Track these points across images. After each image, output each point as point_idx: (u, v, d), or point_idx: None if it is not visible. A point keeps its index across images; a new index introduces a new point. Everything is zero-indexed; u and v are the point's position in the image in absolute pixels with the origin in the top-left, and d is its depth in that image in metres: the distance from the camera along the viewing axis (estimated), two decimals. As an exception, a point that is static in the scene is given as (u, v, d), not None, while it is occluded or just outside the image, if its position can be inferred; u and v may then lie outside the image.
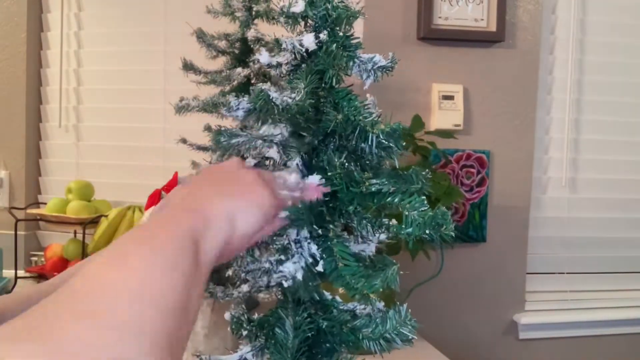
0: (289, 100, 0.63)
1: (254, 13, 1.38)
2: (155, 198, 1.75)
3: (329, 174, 0.64)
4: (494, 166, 1.90)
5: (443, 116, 1.84)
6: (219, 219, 0.56)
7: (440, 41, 1.84)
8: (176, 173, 1.77)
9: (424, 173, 0.63)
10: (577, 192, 2.04)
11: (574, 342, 2.02)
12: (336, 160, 0.64)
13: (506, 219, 1.92)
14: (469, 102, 1.88)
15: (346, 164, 0.64)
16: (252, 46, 1.37)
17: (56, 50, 2.15)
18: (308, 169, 0.67)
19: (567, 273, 2.05)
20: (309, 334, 0.68)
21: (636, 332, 2.06)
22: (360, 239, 0.66)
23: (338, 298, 0.71)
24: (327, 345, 0.68)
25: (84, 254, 1.86)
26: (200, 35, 1.38)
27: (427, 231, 0.60)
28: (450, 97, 1.85)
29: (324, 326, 0.68)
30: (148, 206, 1.76)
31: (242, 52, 1.39)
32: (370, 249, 0.67)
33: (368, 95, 0.68)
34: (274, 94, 0.63)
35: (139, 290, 0.43)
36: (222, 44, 1.40)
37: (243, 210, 0.59)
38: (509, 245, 1.93)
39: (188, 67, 1.39)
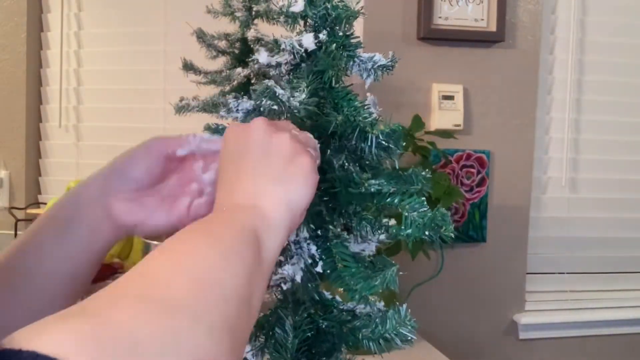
0: (294, 101, 0.63)
1: (254, 13, 1.38)
2: (155, 198, 1.75)
3: (328, 175, 0.64)
4: (494, 166, 1.90)
5: (443, 116, 1.84)
6: (279, 212, 0.55)
7: (440, 41, 1.84)
8: (176, 173, 1.77)
9: (423, 173, 0.63)
10: (577, 192, 2.03)
11: (574, 342, 2.02)
12: (335, 162, 0.64)
13: (506, 219, 1.92)
14: (469, 102, 1.88)
15: (346, 164, 0.64)
16: (252, 46, 1.37)
17: (56, 50, 2.15)
18: None
19: (567, 273, 2.05)
20: (309, 334, 0.68)
21: (636, 332, 2.05)
22: (359, 239, 0.66)
23: (338, 298, 0.71)
24: (327, 345, 0.68)
25: (84, 254, 1.85)
26: (200, 35, 1.38)
27: (427, 232, 0.60)
28: (450, 97, 1.85)
29: (323, 326, 0.68)
30: (148, 206, 1.76)
31: (242, 52, 1.39)
32: (370, 248, 0.67)
33: (368, 94, 0.68)
34: (280, 90, 0.63)
35: (196, 275, 0.42)
36: (222, 44, 1.40)
37: (297, 191, 0.57)
38: (509, 245, 1.93)
39: (188, 67, 1.39)
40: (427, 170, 0.63)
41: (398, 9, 1.82)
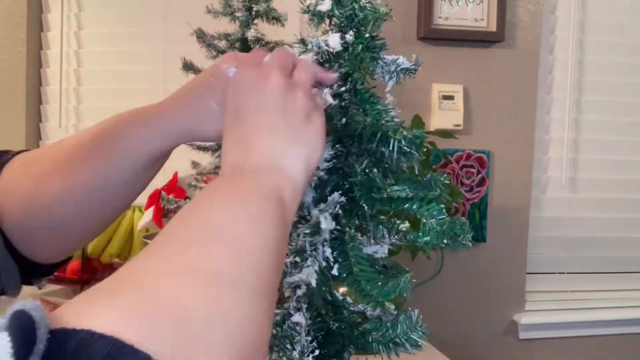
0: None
1: (254, 13, 1.38)
2: (155, 198, 1.75)
3: (350, 179, 0.64)
4: (494, 166, 1.90)
5: (443, 116, 1.84)
6: (299, 174, 0.54)
7: (440, 41, 1.84)
8: (176, 173, 1.77)
9: (442, 179, 0.62)
10: (577, 192, 2.03)
11: (574, 342, 2.02)
12: (357, 167, 0.63)
13: (506, 219, 1.92)
14: (469, 102, 1.88)
15: (367, 170, 0.63)
16: (252, 46, 1.37)
17: (56, 50, 2.15)
18: (328, 174, 0.67)
19: (567, 273, 2.05)
20: (319, 335, 0.67)
21: (636, 332, 2.06)
22: (372, 240, 0.65)
23: (349, 299, 0.70)
24: (337, 346, 0.67)
25: (83, 253, 1.85)
26: (200, 35, 1.38)
27: (445, 240, 0.59)
28: (450, 97, 1.85)
29: (334, 327, 0.67)
30: (148, 206, 1.77)
31: (242, 52, 1.39)
32: (383, 250, 0.66)
33: (388, 95, 0.67)
34: None
35: (231, 242, 0.42)
36: (222, 44, 1.40)
37: (313, 152, 0.56)
38: (509, 245, 1.93)
39: (188, 67, 1.39)
40: (445, 175, 0.62)
41: (398, 9, 1.82)
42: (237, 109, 0.57)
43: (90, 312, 0.31)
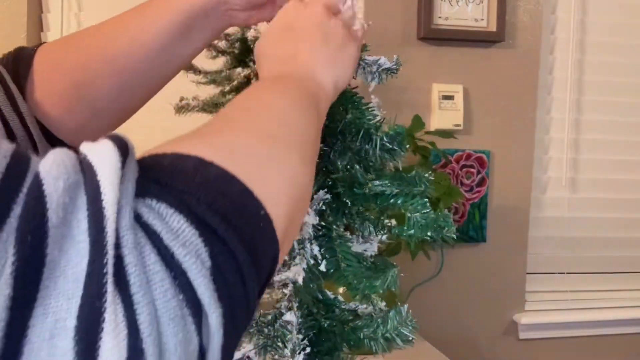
0: None
1: (254, 13, 1.38)
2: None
3: (333, 175, 0.65)
4: (494, 166, 1.90)
5: (443, 116, 1.84)
6: (329, 88, 0.59)
7: (440, 41, 1.84)
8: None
9: (426, 175, 0.63)
10: (577, 192, 2.03)
11: (574, 342, 2.02)
12: (339, 163, 0.65)
13: (506, 219, 1.92)
14: (469, 102, 1.88)
15: (348, 166, 0.65)
16: (251, 46, 1.37)
17: (56, 50, 2.15)
18: None
19: (567, 273, 2.05)
20: (311, 333, 0.68)
21: (636, 332, 2.06)
22: (361, 239, 0.66)
23: (340, 298, 0.71)
24: (329, 344, 0.68)
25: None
26: (200, 35, 1.38)
27: (429, 233, 0.60)
28: (450, 97, 1.85)
29: (325, 325, 0.68)
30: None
31: (242, 52, 1.39)
32: (372, 248, 0.67)
33: (372, 97, 0.68)
34: None
35: (282, 117, 0.48)
36: (222, 44, 1.40)
37: (343, 76, 0.62)
38: (509, 245, 1.93)
39: (188, 67, 1.39)
40: (429, 172, 0.63)
41: (398, 9, 1.82)
42: (284, 24, 0.64)
43: (175, 147, 0.38)
